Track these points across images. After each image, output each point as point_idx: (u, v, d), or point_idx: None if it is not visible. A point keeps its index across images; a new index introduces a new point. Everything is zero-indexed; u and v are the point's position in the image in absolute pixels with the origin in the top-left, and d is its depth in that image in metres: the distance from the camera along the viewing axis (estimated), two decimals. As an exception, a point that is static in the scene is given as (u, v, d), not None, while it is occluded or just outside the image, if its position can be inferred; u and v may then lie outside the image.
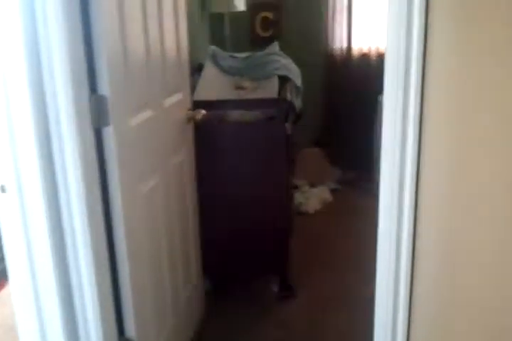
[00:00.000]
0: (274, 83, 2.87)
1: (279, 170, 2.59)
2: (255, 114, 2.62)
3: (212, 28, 3.98)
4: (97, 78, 1.52)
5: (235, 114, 2.63)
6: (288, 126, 2.62)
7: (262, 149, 2.57)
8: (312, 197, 3.84)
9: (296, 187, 3.83)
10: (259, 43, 3.98)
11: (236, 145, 2.57)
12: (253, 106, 2.66)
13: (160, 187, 1.97)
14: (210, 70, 2.96)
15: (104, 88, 1.53)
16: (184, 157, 2.25)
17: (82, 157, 1.46)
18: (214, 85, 2.87)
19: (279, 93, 2.81)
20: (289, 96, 2.70)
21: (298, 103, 2.97)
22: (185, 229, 2.29)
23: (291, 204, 3.03)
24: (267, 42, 3.48)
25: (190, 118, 2.28)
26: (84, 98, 1.48)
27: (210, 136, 2.54)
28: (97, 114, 1.53)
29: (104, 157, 1.59)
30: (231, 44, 4.04)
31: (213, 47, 3.11)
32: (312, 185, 4.06)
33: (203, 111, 2.29)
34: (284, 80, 2.95)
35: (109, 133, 1.57)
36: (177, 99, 2.15)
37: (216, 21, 4.04)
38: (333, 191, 4.07)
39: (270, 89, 2.82)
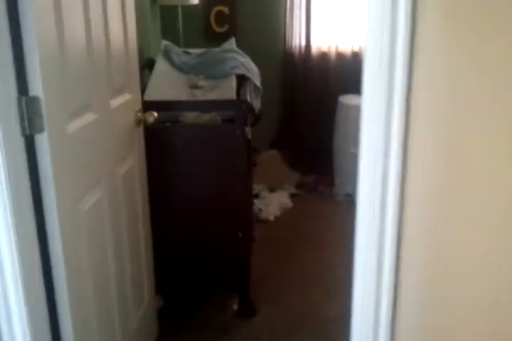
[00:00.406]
0: (232, 83, 2.64)
1: (239, 177, 2.38)
2: (213, 117, 2.41)
3: (164, 22, 3.73)
4: (28, 76, 1.29)
5: (191, 116, 2.41)
6: (248, 129, 2.41)
7: (221, 154, 2.36)
8: (272, 203, 3.64)
9: (256, 196, 3.61)
10: (214, 39, 3.76)
11: (192, 151, 2.35)
12: (210, 108, 2.44)
13: (105, 201, 1.73)
14: (162, 67, 2.71)
15: (37, 88, 1.30)
16: (133, 165, 2.01)
17: (10, 171, 1.22)
18: (166, 84, 2.62)
19: (238, 93, 2.59)
20: (248, 98, 2.49)
21: (257, 104, 2.76)
22: (136, 245, 2.05)
23: (252, 213, 2.83)
24: (222, 38, 3.26)
25: (140, 121, 2.04)
26: (11, 100, 1.25)
27: (164, 140, 2.31)
28: (28, 119, 1.29)
29: (37, 169, 1.35)
30: (184, 39, 3.80)
31: (166, 42, 2.86)
32: (271, 190, 3.87)
33: (155, 114, 2.06)
34: (241, 80, 2.73)
35: (44, 140, 1.34)
36: (125, 100, 1.91)
37: (168, 15, 3.78)
38: (292, 196, 3.88)
39: (228, 89, 2.59)
